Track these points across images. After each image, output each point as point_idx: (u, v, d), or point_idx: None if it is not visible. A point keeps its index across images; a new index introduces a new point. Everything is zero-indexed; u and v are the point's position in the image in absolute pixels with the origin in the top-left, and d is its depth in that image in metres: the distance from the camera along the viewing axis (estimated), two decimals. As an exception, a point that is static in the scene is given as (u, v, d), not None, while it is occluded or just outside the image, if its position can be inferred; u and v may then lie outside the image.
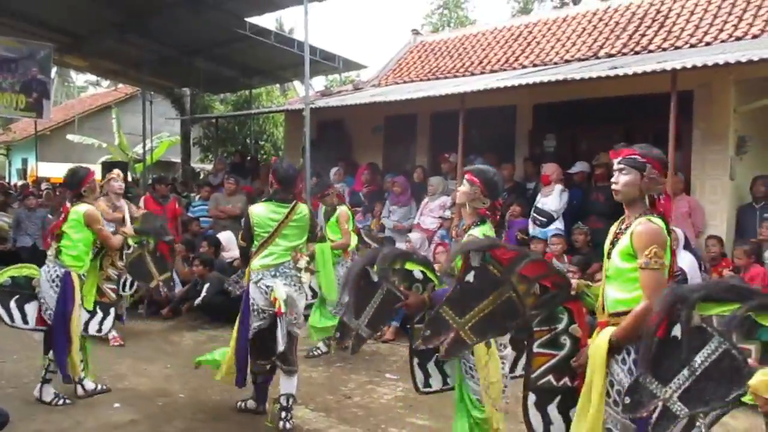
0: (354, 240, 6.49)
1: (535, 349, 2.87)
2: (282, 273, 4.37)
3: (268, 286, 4.32)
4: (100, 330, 5.04)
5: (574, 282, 2.84)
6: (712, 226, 6.89)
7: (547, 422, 2.87)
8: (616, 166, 2.82)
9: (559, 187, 7.20)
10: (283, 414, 4.31)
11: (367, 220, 8.73)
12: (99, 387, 5.02)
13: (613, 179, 2.85)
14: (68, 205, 4.82)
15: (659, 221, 2.66)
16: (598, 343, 2.68)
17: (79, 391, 4.90)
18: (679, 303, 2.29)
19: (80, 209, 4.74)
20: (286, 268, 4.40)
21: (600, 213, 6.93)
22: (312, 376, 5.50)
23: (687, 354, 2.27)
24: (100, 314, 5.00)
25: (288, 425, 4.28)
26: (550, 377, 2.85)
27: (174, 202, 9.04)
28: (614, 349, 2.62)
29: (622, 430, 2.60)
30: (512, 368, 3.58)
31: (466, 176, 3.54)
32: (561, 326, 2.85)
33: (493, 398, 3.24)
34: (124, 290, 5.85)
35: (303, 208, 4.48)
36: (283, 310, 4.21)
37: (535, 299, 2.78)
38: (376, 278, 3.39)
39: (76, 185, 4.82)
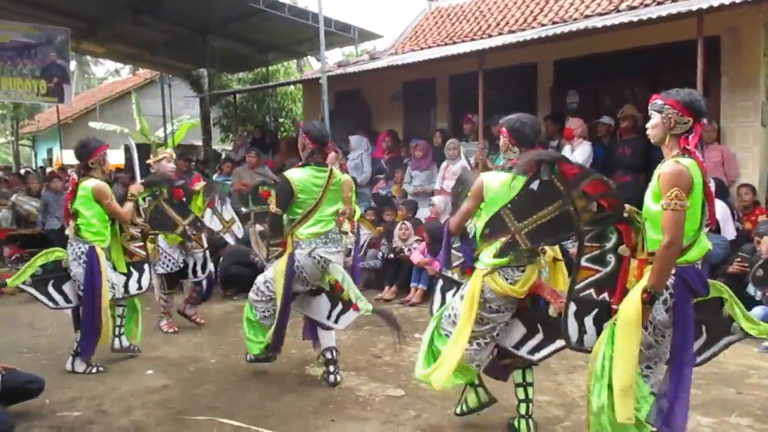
0: (358, 211, 6.44)
1: (583, 263, 2.99)
2: (331, 239, 4.32)
3: (321, 257, 4.26)
4: (140, 288, 5.07)
5: (628, 206, 2.88)
6: (744, 174, 6.72)
7: (582, 332, 3.04)
8: (649, 113, 2.92)
9: (582, 142, 7.05)
10: (331, 368, 4.41)
11: (389, 186, 8.66)
12: (132, 346, 5.13)
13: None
14: (74, 176, 4.81)
15: (687, 161, 2.70)
16: (630, 303, 2.76)
17: (116, 344, 5.01)
18: None
19: (88, 185, 4.71)
20: (333, 233, 4.34)
21: (626, 167, 6.80)
22: (341, 339, 5.47)
23: None
24: (135, 274, 5.03)
25: (338, 378, 4.39)
26: (592, 290, 3.00)
27: (198, 177, 9.05)
28: (652, 296, 2.71)
29: (644, 345, 2.78)
30: (519, 345, 3.45)
31: (499, 129, 3.50)
32: (610, 245, 2.95)
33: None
34: (195, 275, 5.97)
35: (337, 172, 4.40)
36: (362, 308, 4.23)
37: (590, 216, 2.88)
38: None
39: (84, 157, 4.77)
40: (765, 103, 6.75)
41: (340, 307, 4.43)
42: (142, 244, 5.14)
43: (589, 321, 3.01)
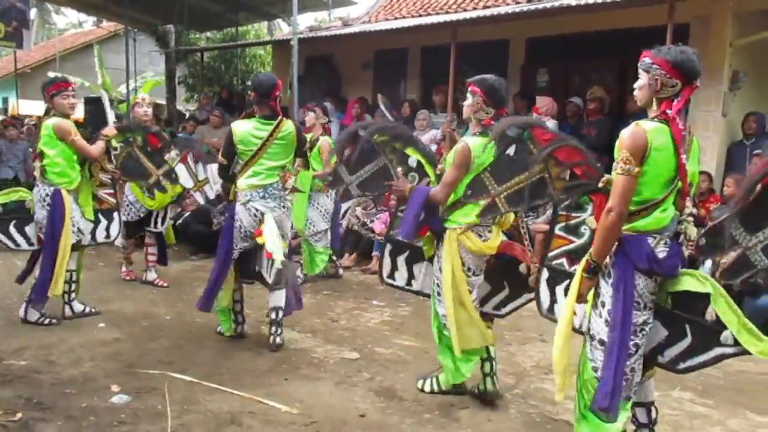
0: None
1: (556, 232, 2.96)
2: (270, 195, 4.22)
3: (258, 210, 4.19)
4: (108, 236, 4.99)
5: (606, 176, 2.74)
6: (702, 162, 6.64)
7: (553, 301, 3.00)
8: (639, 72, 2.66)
9: (549, 120, 7.10)
10: (273, 329, 4.27)
11: (356, 154, 8.60)
12: (87, 309, 4.96)
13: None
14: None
15: (649, 125, 2.48)
16: (575, 278, 2.67)
17: (67, 311, 4.85)
18: None
19: (49, 123, 4.58)
20: (274, 189, 4.24)
21: (590, 147, 6.75)
22: (298, 302, 5.48)
23: None
24: (104, 221, 4.94)
25: (278, 340, 4.25)
26: (564, 260, 2.95)
27: (156, 133, 8.83)
28: (591, 266, 2.59)
29: (604, 337, 2.60)
30: (483, 302, 3.58)
31: (469, 88, 3.48)
32: (584, 216, 2.88)
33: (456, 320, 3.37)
34: (156, 226, 5.86)
35: (289, 125, 4.26)
36: (275, 257, 4.09)
37: (563, 183, 2.79)
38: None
39: (43, 92, 4.64)
40: (727, 93, 6.88)
41: None
42: (112, 191, 5.02)
43: (560, 291, 2.96)
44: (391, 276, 3.80)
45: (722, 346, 2.49)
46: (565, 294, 2.89)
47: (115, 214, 5.03)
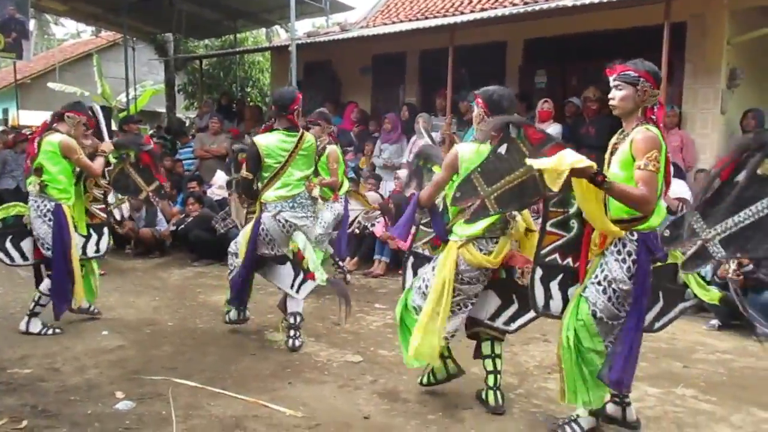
0: (346, 184, 6.38)
1: (548, 228, 3.05)
2: (299, 204, 4.35)
3: (287, 221, 4.30)
4: (98, 251, 4.97)
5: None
6: (702, 160, 6.87)
7: (548, 297, 3.10)
8: (612, 83, 2.93)
9: (552, 123, 7.15)
10: (292, 332, 4.41)
11: (358, 159, 8.63)
12: (92, 308, 5.05)
13: (609, 95, 2.95)
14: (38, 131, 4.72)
15: (655, 129, 2.78)
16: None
17: (73, 304, 4.87)
18: (753, 149, 2.35)
19: (54, 139, 4.58)
20: (302, 198, 4.37)
21: (590, 146, 6.86)
22: (301, 306, 5.49)
23: (743, 201, 2.35)
24: (94, 236, 4.93)
25: (297, 342, 4.39)
26: (556, 255, 3.06)
27: (147, 138, 8.81)
28: (600, 180, 2.66)
29: (608, 316, 2.90)
30: (493, 317, 3.46)
31: (476, 99, 3.48)
32: (573, 210, 3.00)
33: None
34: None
35: (310, 138, 4.40)
36: (318, 278, 4.32)
37: None
38: None
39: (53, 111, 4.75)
40: (725, 90, 6.91)
41: (301, 275, 4.46)
42: (103, 206, 5.04)
43: (554, 286, 3.06)
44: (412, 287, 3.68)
45: (684, 301, 3.02)
46: (559, 288, 3.07)
47: (105, 229, 5.03)
